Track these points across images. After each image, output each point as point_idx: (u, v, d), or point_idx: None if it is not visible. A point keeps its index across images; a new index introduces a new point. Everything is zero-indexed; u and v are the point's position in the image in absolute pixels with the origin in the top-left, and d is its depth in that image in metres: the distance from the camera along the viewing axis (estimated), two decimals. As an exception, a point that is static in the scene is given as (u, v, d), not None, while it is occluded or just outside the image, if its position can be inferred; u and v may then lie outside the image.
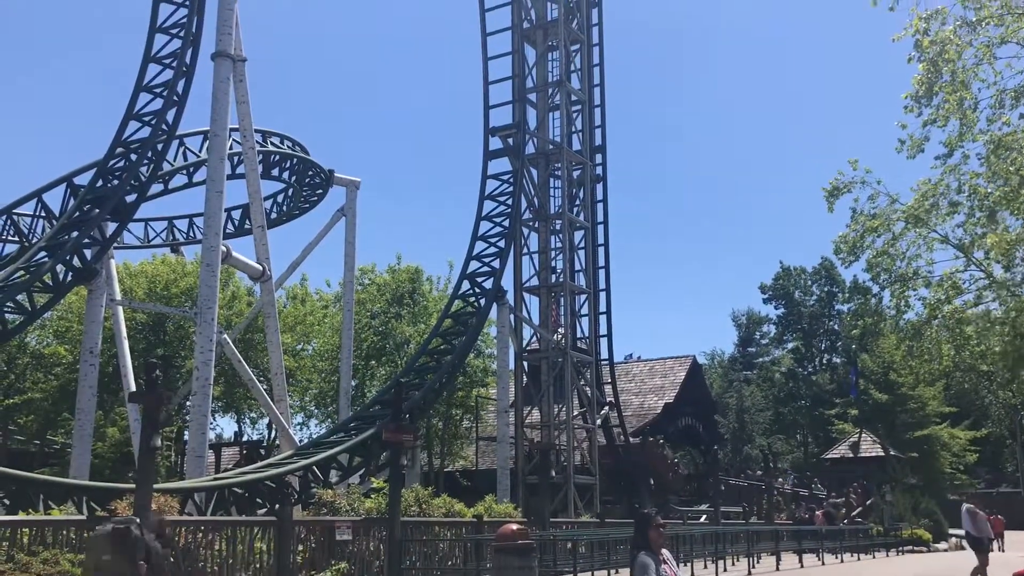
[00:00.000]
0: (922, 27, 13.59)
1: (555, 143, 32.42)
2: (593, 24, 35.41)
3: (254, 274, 25.37)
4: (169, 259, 35.60)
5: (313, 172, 32.13)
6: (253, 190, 25.01)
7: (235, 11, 22.61)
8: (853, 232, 16.43)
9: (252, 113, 24.31)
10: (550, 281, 31.80)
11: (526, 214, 31.81)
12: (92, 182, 22.14)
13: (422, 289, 38.74)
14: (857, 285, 63.96)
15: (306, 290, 42.34)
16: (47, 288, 19.97)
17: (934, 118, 14.65)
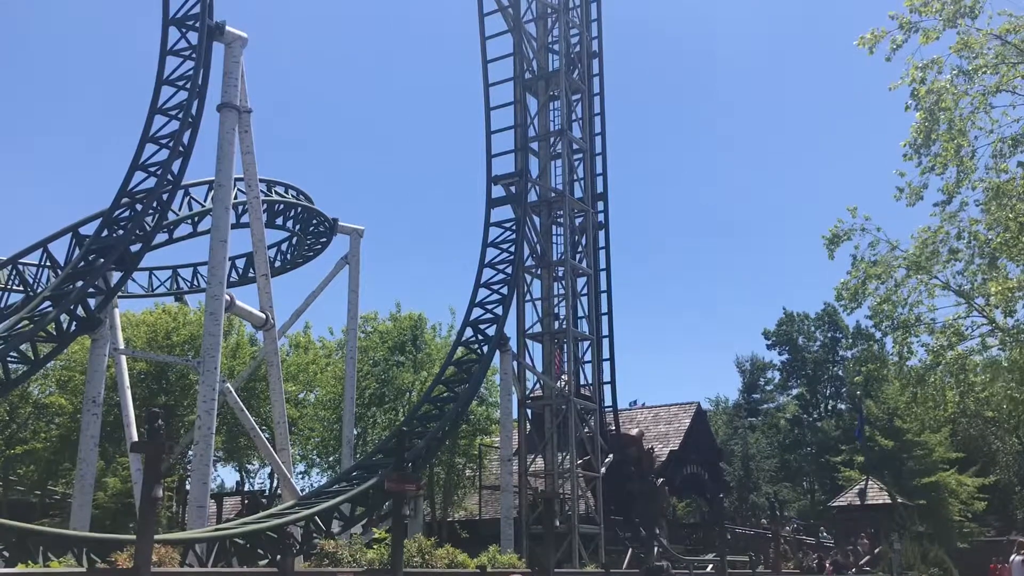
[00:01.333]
0: (919, 76, 13.81)
1: (557, 191, 32.66)
2: (594, 74, 35.88)
3: (257, 323, 25.42)
4: (170, 308, 35.71)
5: (317, 221, 32.33)
6: (257, 239, 25.16)
7: (241, 64, 22.99)
8: (854, 279, 16.51)
9: (257, 162, 24.58)
10: (553, 328, 31.81)
11: (529, 261, 31.93)
12: (97, 232, 22.27)
13: (424, 336, 38.74)
14: (860, 331, 63.85)
15: (309, 338, 42.37)
16: (51, 338, 19.98)
17: (932, 165, 14.82)
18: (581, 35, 34.90)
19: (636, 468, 34.31)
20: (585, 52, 35.00)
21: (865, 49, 13.69)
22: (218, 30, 22.64)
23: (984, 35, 13.33)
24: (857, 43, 13.64)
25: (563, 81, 32.68)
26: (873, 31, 13.56)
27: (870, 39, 13.63)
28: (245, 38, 23.16)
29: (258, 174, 25.08)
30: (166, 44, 23.20)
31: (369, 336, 39.20)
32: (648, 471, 34.81)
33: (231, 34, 22.85)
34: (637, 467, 34.46)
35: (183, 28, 23.12)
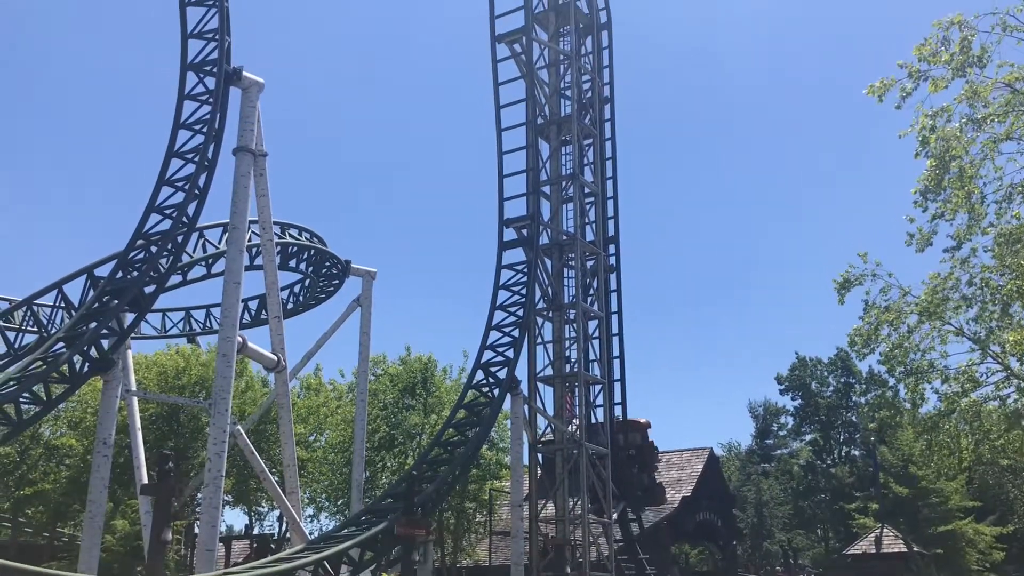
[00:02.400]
0: (928, 124, 13.89)
1: (569, 234, 32.77)
2: (606, 119, 36.19)
3: (269, 364, 25.44)
4: (184, 349, 35.83)
5: (330, 263, 32.49)
6: (270, 281, 25.27)
7: (257, 108, 23.29)
8: (867, 325, 16.48)
9: (271, 205, 24.78)
10: (564, 371, 31.70)
11: (540, 304, 31.95)
12: (112, 273, 22.44)
13: (435, 379, 38.69)
14: (874, 376, 63.30)
15: (320, 380, 42.40)
16: (64, 379, 20.04)
17: (942, 212, 14.85)
18: (593, 81, 35.26)
19: (637, 456, 33.79)
20: (597, 97, 35.34)
21: (875, 97, 13.80)
22: (235, 75, 22.96)
23: (993, 83, 13.42)
24: (867, 91, 13.77)
25: (575, 126, 32.96)
26: (883, 80, 13.69)
27: (879, 87, 13.76)
28: (261, 83, 23.48)
29: (272, 216, 25.29)
30: (184, 89, 23.56)
31: (379, 379, 39.18)
32: (649, 463, 34.15)
33: (248, 79, 23.17)
34: (639, 456, 33.94)
35: (201, 73, 23.49)
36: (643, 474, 34.04)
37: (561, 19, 34.36)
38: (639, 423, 34.99)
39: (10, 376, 19.90)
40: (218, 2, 23.49)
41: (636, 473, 33.78)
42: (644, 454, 34.18)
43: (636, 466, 33.95)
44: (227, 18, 23.41)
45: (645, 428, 34.94)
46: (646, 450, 34.34)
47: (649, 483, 34.00)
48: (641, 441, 34.58)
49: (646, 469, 34.13)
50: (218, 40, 23.24)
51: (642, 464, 33.95)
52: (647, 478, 34.03)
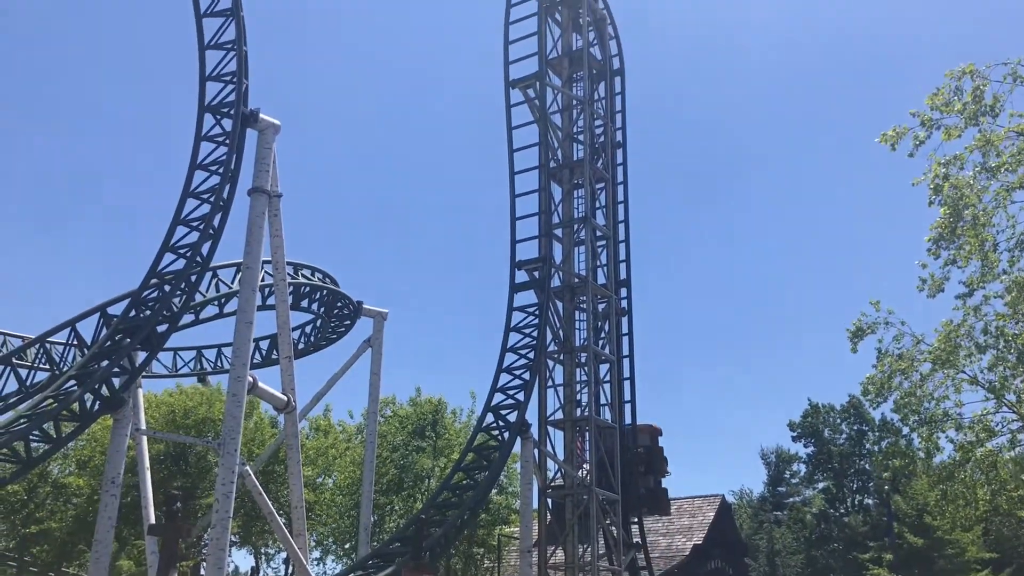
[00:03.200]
0: (941, 172, 13.92)
1: (580, 277, 32.79)
2: (618, 164, 36.36)
3: (279, 405, 25.40)
4: (187, 389, 35.86)
5: (342, 304, 32.57)
6: (282, 321, 25.33)
7: (273, 150, 23.53)
8: (880, 373, 16.37)
9: (285, 245, 24.91)
10: (575, 415, 31.51)
11: (551, 346, 31.86)
12: (125, 312, 22.55)
13: (444, 421, 38.57)
14: (887, 424, 62.73)
15: (329, 421, 42.30)
16: (74, 417, 20.05)
17: (955, 258, 14.83)
18: (605, 126, 35.52)
19: (645, 457, 33.35)
20: (609, 142, 35.57)
21: (888, 145, 13.86)
22: (252, 117, 23.24)
23: (1005, 132, 13.47)
24: (879, 140, 13.83)
25: (587, 170, 33.15)
26: (895, 128, 13.76)
27: (892, 136, 13.83)
28: (278, 125, 23.75)
29: (286, 257, 25.41)
30: (201, 130, 23.84)
31: (389, 420, 39.08)
32: (656, 467, 33.62)
33: (264, 121, 23.44)
34: (646, 457, 33.49)
35: (218, 115, 23.79)
36: (648, 476, 33.59)
37: (574, 65, 34.73)
38: (650, 427, 34.62)
39: (21, 413, 19.94)
40: (236, 46, 23.86)
41: (642, 473, 33.31)
42: (652, 457, 33.72)
43: (643, 466, 33.45)
44: (245, 61, 23.76)
45: (655, 432, 34.49)
46: (654, 453, 33.88)
47: (654, 486, 33.50)
48: (650, 443, 34.17)
49: (652, 472, 33.63)
50: (236, 83, 23.56)
51: (648, 466, 33.50)
52: (652, 480, 33.55)
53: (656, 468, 33.63)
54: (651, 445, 33.85)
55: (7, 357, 25.46)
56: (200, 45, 24.42)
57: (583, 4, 34.48)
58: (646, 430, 34.13)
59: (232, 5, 24.02)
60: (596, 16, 35.73)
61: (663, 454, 34.18)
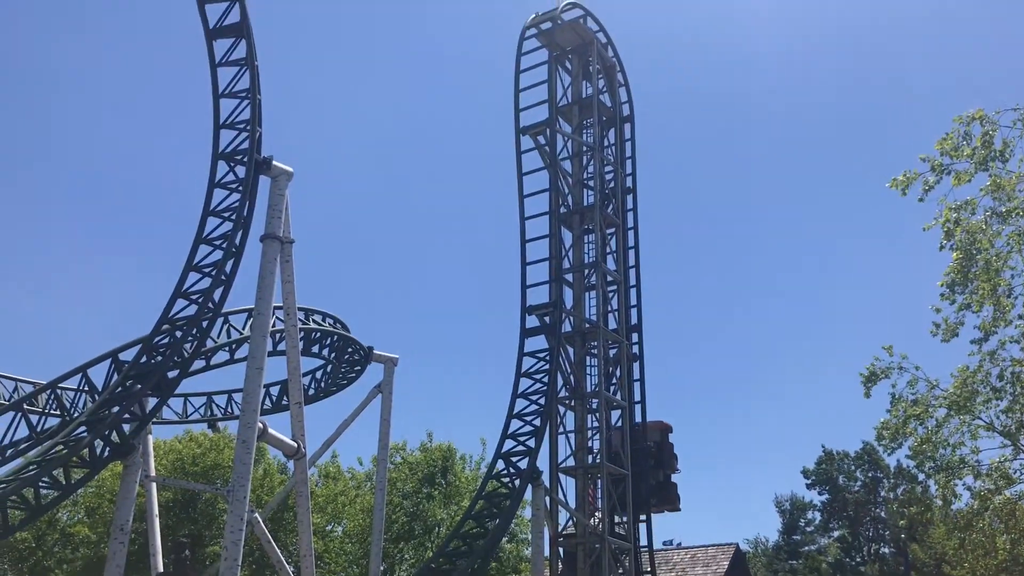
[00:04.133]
0: (953, 217, 13.93)
1: (591, 322, 32.74)
2: (628, 209, 36.47)
3: (288, 451, 25.26)
4: (197, 435, 35.76)
5: (352, 349, 32.52)
6: (293, 367, 25.30)
7: (286, 196, 23.71)
8: (894, 419, 16.23)
9: (296, 291, 24.96)
10: (587, 462, 31.25)
11: (562, 392, 31.72)
12: (136, 358, 22.58)
13: (455, 468, 38.30)
14: (902, 471, 61.94)
15: (338, 468, 42.05)
16: (84, 463, 20.00)
17: (968, 303, 14.79)
18: (615, 172, 35.74)
19: (655, 451, 33.16)
20: (619, 188, 35.75)
21: (898, 190, 13.89)
22: (265, 165, 23.43)
23: (1016, 177, 13.49)
24: (890, 185, 13.87)
25: (597, 216, 33.28)
26: (905, 173, 13.81)
27: (902, 181, 13.87)
28: (291, 172, 23.94)
29: (297, 302, 25.45)
30: (214, 177, 24.05)
31: (399, 467, 38.83)
32: (666, 462, 33.36)
33: (277, 168, 23.64)
34: (656, 451, 33.26)
35: (231, 162, 24.02)
36: (658, 470, 33.33)
37: (584, 112, 35.07)
38: (660, 423, 34.44)
39: (30, 460, 19.89)
40: (251, 95, 24.17)
41: (652, 467, 33.09)
42: (661, 451, 33.54)
43: (652, 460, 33.26)
44: (259, 109, 24.04)
45: (665, 428, 34.38)
46: (664, 448, 33.72)
47: (664, 479, 33.22)
48: (660, 438, 33.92)
49: (661, 466, 33.43)
50: (249, 131, 23.82)
51: (658, 460, 33.31)
52: (662, 475, 33.30)
53: (666, 463, 33.43)
54: (661, 440, 33.72)
55: (18, 403, 25.47)
56: (215, 93, 24.73)
57: (593, 52, 34.92)
58: (656, 426, 34.00)
59: (247, 54, 24.38)
60: (606, 64, 36.14)
61: (673, 451, 34.00)
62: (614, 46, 37.02)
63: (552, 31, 34.72)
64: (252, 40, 24.34)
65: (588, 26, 35.59)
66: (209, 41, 24.71)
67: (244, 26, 24.26)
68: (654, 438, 33.48)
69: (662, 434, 33.85)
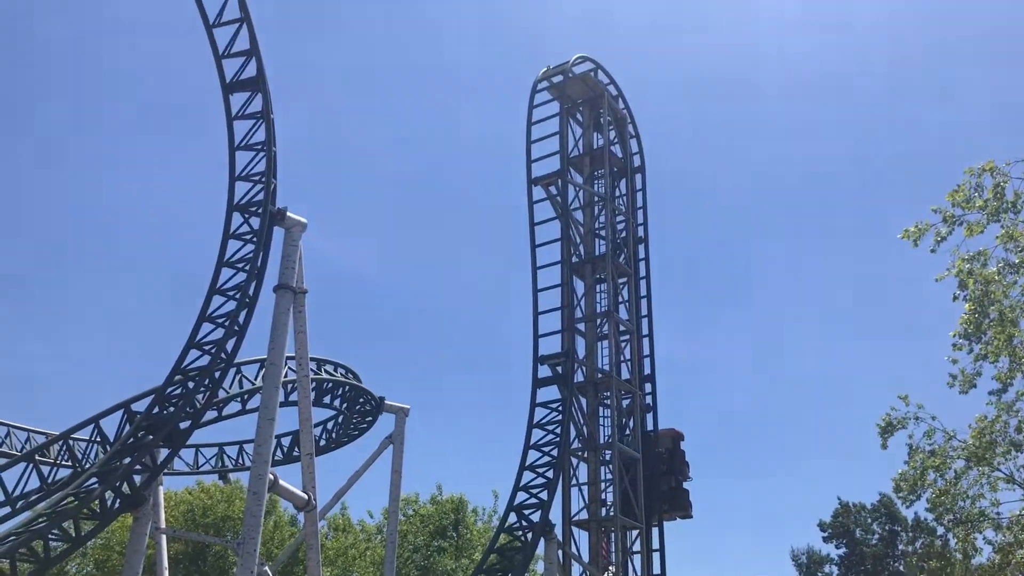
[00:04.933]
0: (965, 268, 13.90)
1: (604, 372, 32.61)
2: (640, 259, 36.52)
3: (299, 503, 25.09)
4: (208, 486, 35.55)
5: (364, 399, 32.42)
6: (304, 417, 25.23)
7: (299, 247, 23.87)
8: (912, 470, 16.02)
9: (308, 341, 24.97)
10: (600, 515, 30.89)
11: (575, 444, 31.48)
12: (149, 408, 22.57)
13: (466, 521, 37.92)
14: (920, 524, 60.96)
15: (348, 520, 41.68)
16: (94, 515, 19.90)
17: (984, 354, 14.68)
18: (627, 222, 35.88)
19: (667, 459, 33.12)
20: (631, 237, 35.86)
21: (910, 241, 13.89)
22: (280, 216, 23.63)
23: (1029, 228, 13.49)
24: (901, 236, 13.87)
25: (609, 265, 33.35)
26: (917, 224, 13.82)
27: (914, 232, 13.87)
28: (305, 223, 24.12)
29: (309, 352, 25.46)
30: (229, 228, 24.25)
31: (410, 519, 38.47)
32: (677, 469, 33.30)
33: (292, 219, 23.83)
34: (668, 459, 33.20)
35: (246, 214, 24.23)
36: (670, 476, 33.19)
37: (595, 163, 35.35)
38: (672, 431, 34.37)
39: (40, 512, 19.82)
40: (266, 147, 24.48)
41: (663, 474, 32.99)
42: (673, 458, 33.51)
43: (664, 467, 33.17)
44: (274, 162, 24.33)
45: (677, 436, 34.30)
46: (676, 455, 33.65)
47: (675, 485, 33.10)
48: (672, 446, 33.87)
49: (673, 473, 33.28)
50: (264, 183, 24.07)
51: (670, 468, 33.20)
52: (673, 480, 33.16)
53: (678, 469, 33.33)
54: (672, 447, 33.72)
55: (30, 454, 25.40)
56: (230, 146, 25.07)
57: (604, 105, 35.31)
58: (668, 434, 34.02)
59: (263, 107, 24.75)
60: (617, 116, 36.52)
61: (684, 458, 33.92)
62: (625, 98, 37.46)
63: (563, 84, 35.17)
64: (268, 94, 24.76)
65: (599, 79, 36.06)
66: (226, 95, 25.12)
67: (260, 80, 24.68)
68: (666, 445, 33.55)
69: (674, 441, 33.89)
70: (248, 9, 24.61)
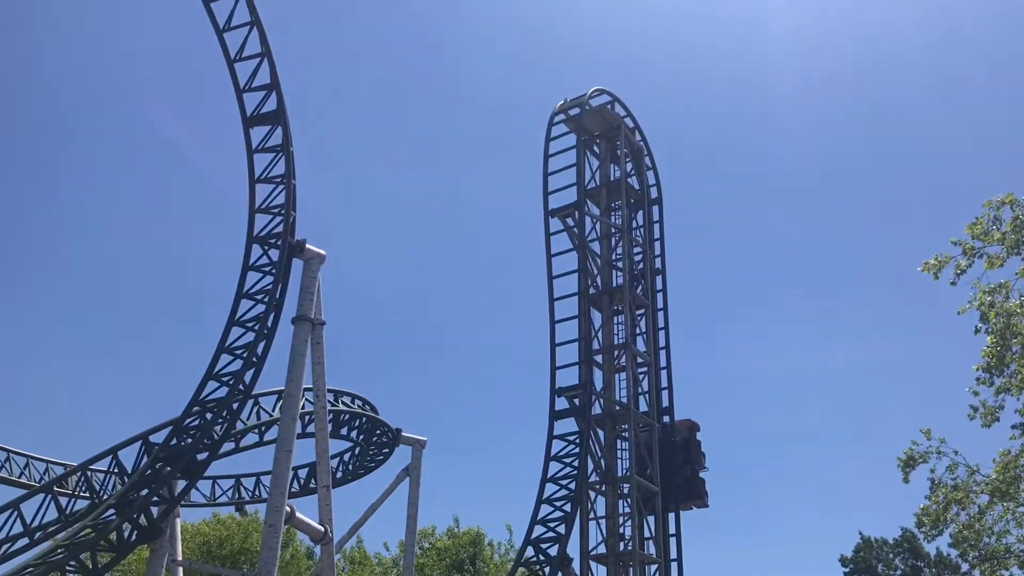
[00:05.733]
0: (987, 300, 13.79)
1: (622, 404, 32.42)
2: (658, 290, 36.38)
3: (316, 536, 24.99)
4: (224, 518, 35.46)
5: (381, 431, 32.38)
6: (321, 449, 25.21)
7: (318, 279, 24.00)
8: (935, 505, 15.80)
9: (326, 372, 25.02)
10: (619, 549, 30.57)
11: (593, 476, 31.25)
12: (166, 440, 22.63)
13: (483, 555, 37.63)
14: (944, 560, 59.98)
15: (364, 553, 41.45)
16: (111, 547, 19.89)
17: (1007, 387, 14.52)
18: (644, 253, 35.82)
19: (682, 448, 33.20)
20: (649, 268, 35.77)
21: (930, 274, 13.82)
22: (299, 248, 23.81)
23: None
24: (921, 269, 13.80)
25: (627, 297, 33.28)
26: (937, 257, 13.75)
27: (934, 264, 13.80)
28: (323, 255, 24.28)
29: (326, 384, 25.49)
30: (248, 260, 24.44)
31: (426, 552, 38.22)
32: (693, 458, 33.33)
33: (310, 251, 23.99)
34: (684, 448, 33.25)
35: (265, 246, 24.42)
36: (686, 466, 33.19)
37: (612, 194, 35.39)
38: (688, 421, 34.44)
39: (59, 543, 19.83)
40: (285, 180, 24.70)
41: (679, 464, 33.03)
42: (689, 447, 33.58)
43: (680, 457, 33.24)
44: (293, 194, 24.55)
45: (694, 427, 34.32)
46: (691, 444, 33.72)
47: (691, 474, 33.09)
48: (688, 435, 33.95)
49: (688, 462, 33.29)
50: (284, 215, 24.26)
51: (685, 457, 33.25)
52: (689, 470, 33.15)
53: (694, 459, 33.37)
54: (689, 437, 33.82)
55: (48, 485, 25.50)
56: (250, 178, 25.33)
57: (620, 137, 35.42)
58: (684, 424, 34.13)
59: (283, 141, 25.01)
60: (633, 147, 36.61)
61: (700, 448, 33.99)
62: (641, 130, 37.56)
63: (580, 117, 35.33)
64: (288, 127, 25.03)
65: (615, 111, 36.19)
66: (246, 128, 25.43)
67: (280, 114, 24.97)
68: (682, 435, 33.61)
69: (690, 431, 33.95)
70: (268, 43, 24.98)
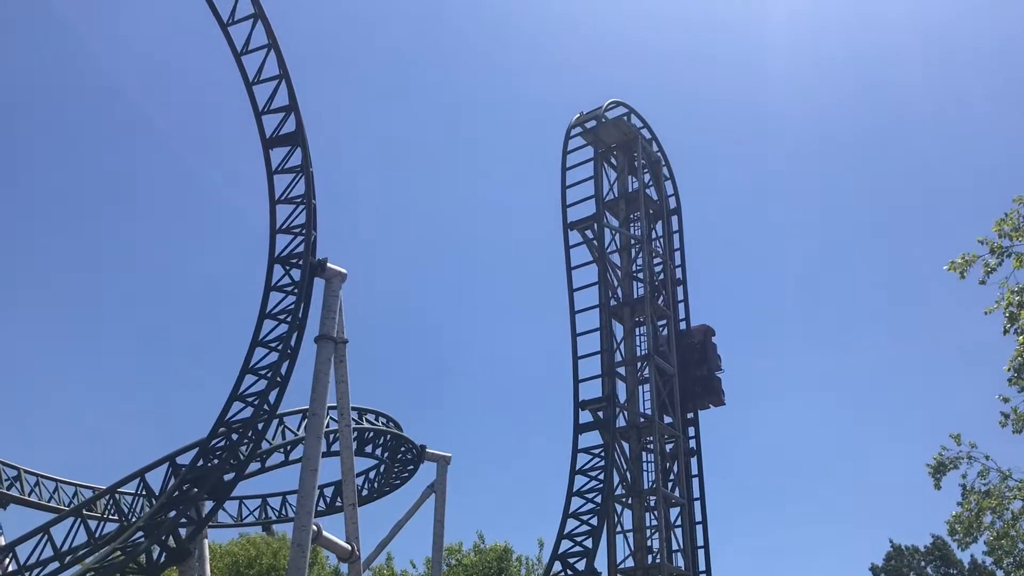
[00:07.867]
0: (1015, 300, 13.61)
1: (646, 416, 32.26)
2: (679, 300, 36.31)
3: (343, 554, 24.99)
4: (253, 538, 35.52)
5: (405, 448, 32.36)
6: (347, 467, 25.23)
7: (340, 298, 24.08)
8: (967, 512, 15.56)
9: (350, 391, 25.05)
10: (647, 563, 30.32)
11: (619, 490, 31.06)
12: (193, 461, 22.71)
13: (510, 570, 37.45)
14: (978, 567, 59.12)
15: (392, 570, 41.37)
16: (141, 570, 19.94)
17: (1039, 390, 14.28)
18: (664, 263, 35.74)
19: (699, 350, 34.36)
20: (669, 279, 35.68)
21: (956, 273, 13.65)
22: (320, 267, 23.93)
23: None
24: (947, 268, 13.64)
25: (648, 308, 33.15)
26: (963, 256, 13.58)
27: (961, 264, 13.64)
28: (345, 274, 24.37)
29: (351, 403, 25.51)
30: (271, 281, 24.56)
31: (453, 569, 38.08)
32: (709, 359, 34.40)
33: (332, 270, 24.10)
34: (700, 350, 34.37)
35: (287, 266, 24.55)
36: (703, 365, 34.34)
37: (631, 206, 35.35)
38: (704, 326, 35.42)
39: (88, 567, 19.92)
40: (306, 200, 24.84)
41: (696, 363, 34.24)
42: (705, 349, 34.65)
43: (697, 356, 34.44)
44: (314, 214, 24.67)
45: (709, 331, 35.25)
46: (707, 346, 34.72)
47: (707, 374, 34.21)
48: (704, 339, 34.93)
49: (705, 361, 34.38)
50: (305, 235, 24.38)
51: (702, 357, 34.41)
52: (706, 369, 34.24)
53: (710, 359, 34.42)
54: (704, 340, 34.93)
55: (77, 509, 25.64)
56: (271, 200, 25.48)
57: (638, 148, 35.40)
58: (700, 328, 35.27)
59: (302, 162, 25.16)
60: (651, 159, 36.57)
61: (716, 351, 35.08)
62: (658, 141, 37.54)
63: (597, 129, 35.35)
64: (307, 148, 25.19)
65: (632, 123, 36.20)
66: (266, 150, 25.60)
67: (299, 135, 25.14)
68: (698, 338, 34.72)
69: (705, 335, 34.93)
70: (287, 66, 25.19)
